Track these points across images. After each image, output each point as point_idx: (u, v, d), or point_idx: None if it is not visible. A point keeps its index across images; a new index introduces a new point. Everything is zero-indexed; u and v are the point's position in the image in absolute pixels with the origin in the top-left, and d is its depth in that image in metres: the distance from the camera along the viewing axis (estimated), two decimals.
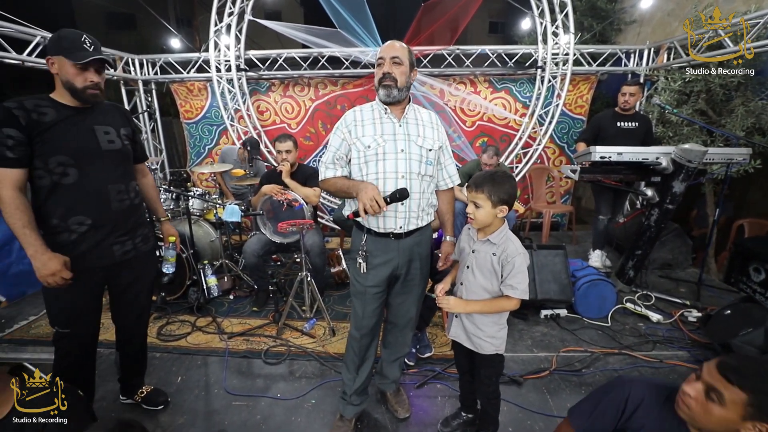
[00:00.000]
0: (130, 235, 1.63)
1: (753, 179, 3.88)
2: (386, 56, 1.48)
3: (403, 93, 1.50)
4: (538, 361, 2.26)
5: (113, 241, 1.56)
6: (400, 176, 1.49)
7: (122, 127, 1.61)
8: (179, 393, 2.02)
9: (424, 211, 1.58)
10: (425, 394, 2.02)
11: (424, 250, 1.65)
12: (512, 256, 1.39)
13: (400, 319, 1.75)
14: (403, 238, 1.56)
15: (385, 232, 1.54)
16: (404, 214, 1.52)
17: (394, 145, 1.49)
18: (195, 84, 4.69)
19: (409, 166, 1.50)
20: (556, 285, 2.69)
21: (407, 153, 1.50)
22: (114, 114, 1.61)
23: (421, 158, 1.52)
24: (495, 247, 1.42)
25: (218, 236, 3.27)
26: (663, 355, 2.30)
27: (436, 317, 2.63)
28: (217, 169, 3.44)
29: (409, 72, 1.51)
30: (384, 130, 1.51)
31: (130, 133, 1.65)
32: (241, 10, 4.17)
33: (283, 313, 2.59)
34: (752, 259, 3.12)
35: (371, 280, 1.58)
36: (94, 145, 1.49)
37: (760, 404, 0.89)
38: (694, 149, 2.54)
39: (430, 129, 1.58)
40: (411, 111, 1.57)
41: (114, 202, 1.54)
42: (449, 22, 4.20)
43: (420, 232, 1.60)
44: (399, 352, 1.84)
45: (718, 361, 0.96)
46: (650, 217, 2.87)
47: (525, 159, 4.56)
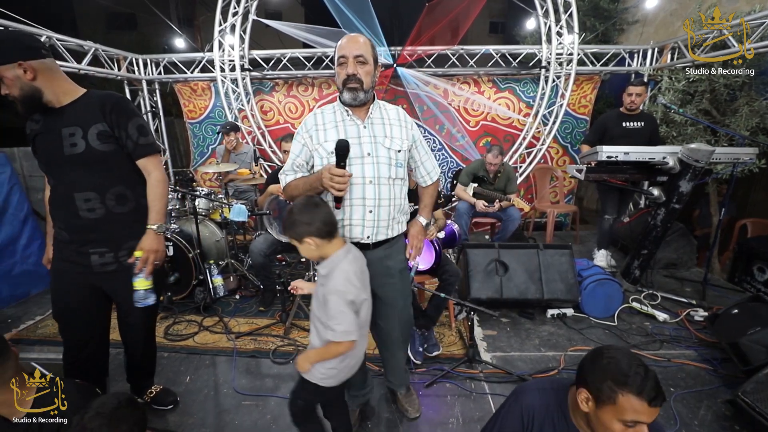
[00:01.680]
0: (111, 246, 1.49)
1: (756, 179, 3.89)
2: (349, 55, 1.34)
3: (369, 94, 1.40)
4: (546, 360, 2.27)
5: (90, 249, 1.47)
6: (368, 181, 1.39)
7: (94, 124, 1.39)
8: (188, 393, 2.02)
9: (394, 219, 1.48)
10: (434, 393, 2.02)
11: (397, 264, 1.53)
12: (329, 293, 1.21)
13: (385, 340, 1.67)
14: (371, 249, 1.45)
15: (351, 241, 1.43)
16: (372, 222, 1.42)
17: (360, 149, 1.39)
18: (199, 84, 4.69)
19: (377, 170, 1.40)
20: (562, 284, 2.70)
21: (374, 156, 1.40)
22: (88, 109, 1.41)
23: (389, 161, 1.42)
24: (322, 277, 1.26)
25: (224, 236, 3.27)
26: (670, 354, 2.30)
27: (443, 317, 2.63)
28: (221, 169, 3.43)
29: (374, 71, 1.40)
30: (348, 133, 1.40)
31: (106, 130, 1.41)
32: (245, 9, 4.17)
33: (290, 313, 2.59)
34: (756, 258, 3.14)
35: None
36: (58, 151, 1.38)
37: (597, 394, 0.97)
38: (701, 149, 2.54)
39: (398, 128, 1.47)
40: (376, 110, 1.46)
41: (82, 211, 1.43)
42: (452, 23, 4.21)
43: (389, 244, 1.50)
44: (394, 368, 1.79)
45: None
46: (656, 217, 2.87)
47: (529, 159, 4.57)
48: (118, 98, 1.47)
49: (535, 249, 2.78)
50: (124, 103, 1.48)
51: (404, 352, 1.78)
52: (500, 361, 2.25)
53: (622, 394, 0.93)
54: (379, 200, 1.41)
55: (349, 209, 1.42)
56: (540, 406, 1.11)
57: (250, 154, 3.97)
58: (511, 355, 2.33)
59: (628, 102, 3.23)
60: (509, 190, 3.55)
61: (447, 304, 2.47)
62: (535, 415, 1.10)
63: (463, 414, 1.87)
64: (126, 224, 1.51)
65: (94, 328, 1.63)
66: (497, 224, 3.69)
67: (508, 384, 2.06)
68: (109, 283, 1.55)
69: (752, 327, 2.05)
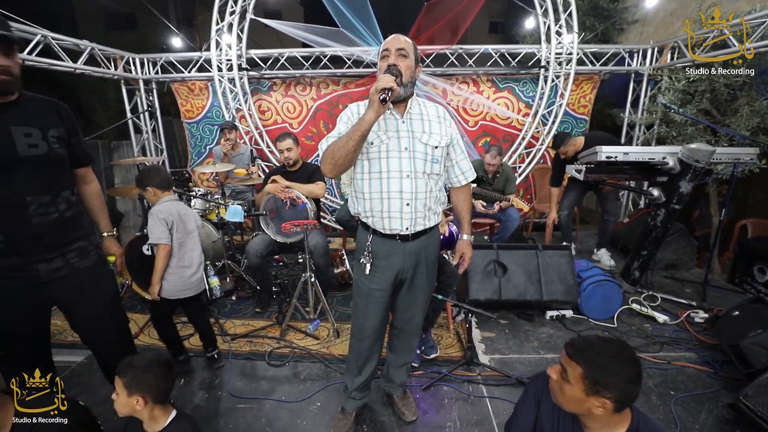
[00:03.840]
0: (60, 250, 1.40)
1: (756, 179, 3.87)
2: (392, 48, 1.40)
3: (407, 89, 1.42)
4: (545, 363, 2.24)
5: (37, 259, 1.35)
6: (405, 175, 1.43)
7: (53, 127, 1.37)
8: (182, 396, 2.00)
9: (430, 210, 1.51)
10: (432, 396, 2.00)
11: (431, 254, 1.59)
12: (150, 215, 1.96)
13: (406, 324, 1.70)
14: (410, 240, 1.50)
15: (390, 233, 1.48)
16: (410, 214, 1.45)
17: (398, 143, 1.43)
18: (196, 83, 4.66)
19: (413, 165, 1.43)
20: (561, 286, 2.67)
21: (411, 151, 1.43)
22: (43, 111, 1.38)
23: (426, 156, 1.45)
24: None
25: (220, 237, 3.24)
26: (670, 356, 2.28)
27: (441, 318, 2.61)
28: (218, 169, 3.42)
29: (414, 67, 1.43)
30: (387, 126, 1.43)
31: (63, 135, 1.41)
32: (242, 9, 4.15)
33: (286, 315, 2.56)
34: (756, 259, 3.10)
35: (376, 282, 1.54)
36: (9, 151, 1.27)
37: (593, 376, 0.97)
38: (702, 149, 2.52)
39: (436, 124, 1.49)
40: (415, 106, 1.49)
41: (35, 216, 1.32)
42: (451, 22, 4.19)
43: (427, 235, 1.55)
44: (405, 357, 1.81)
45: (567, 341, 1.07)
46: (656, 218, 2.85)
47: (528, 159, 4.55)
48: (67, 107, 1.47)
49: (534, 250, 2.76)
50: (68, 111, 1.49)
51: (414, 345, 1.80)
52: (498, 364, 2.23)
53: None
54: (416, 193, 1.43)
55: (387, 201, 1.45)
56: (544, 391, 1.15)
57: (247, 155, 3.95)
58: (510, 357, 2.31)
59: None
60: (508, 190, 3.53)
61: (445, 305, 2.45)
62: (543, 397, 1.15)
63: (460, 418, 1.85)
64: (72, 227, 1.46)
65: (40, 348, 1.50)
66: (496, 225, 3.67)
67: (506, 387, 2.04)
68: (60, 290, 1.43)
69: (754, 329, 2.02)
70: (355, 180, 1.52)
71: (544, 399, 1.15)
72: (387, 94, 1.24)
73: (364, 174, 1.47)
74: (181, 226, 2.00)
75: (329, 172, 1.41)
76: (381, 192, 1.44)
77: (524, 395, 1.22)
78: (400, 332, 1.75)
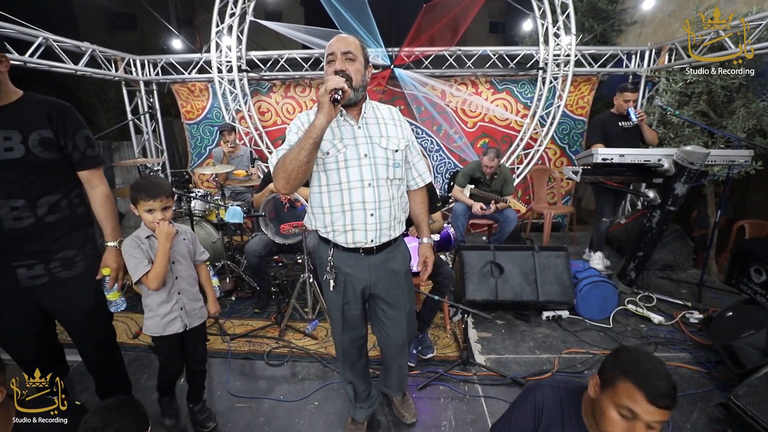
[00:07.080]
0: (40, 258, 1.39)
1: (754, 180, 3.88)
2: (337, 51, 1.30)
3: (359, 93, 1.34)
4: (540, 363, 2.27)
5: (15, 263, 1.35)
6: (367, 184, 1.34)
7: (36, 130, 1.32)
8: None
9: (396, 219, 1.43)
10: (428, 396, 2.02)
11: (400, 267, 1.50)
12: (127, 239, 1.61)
13: (390, 347, 1.63)
14: (374, 254, 1.41)
15: (354, 247, 1.39)
16: (375, 225, 1.37)
17: (356, 150, 1.34)
18: (196, 85, 4.69)
19: (375, 172, 1.35)
20: (557, 286, 2.69)
21: (371, 158, 1.35)
22: (31, 114, 1.34)
23: (387, 162, 1.37)
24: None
25: (220, 237, 3.27)
26: (665, 357, 2.30)
27: (438, 318, 2.64)
28: (218, 171, 3.44)
29: (364, 69, 1.34)
30: (343, 134, 1.34)
31: (50, 137, 1.35)
32: (242, 10, 4.17)
33: (285, 315, 2.59)
34: (753, 260, 3.12)
35: (344, 297, 1.47)
36: None
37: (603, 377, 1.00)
38: (696, 151, 2.54)
39: (393, 127, 1.42)
40: (369, 109, 1.41)
41: (6, 220, 1.31)
42: (450, 23, 4.21)
43: (392, 247, 1.46)
44: (394, 374, 1.78)
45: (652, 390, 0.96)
46: (652, 219, 2.87)
47: (526, 160, 4.56)
48: (65, 107, 1.42)
49: (530, 251, 2.78)
50: (72, 112, 1.43)
51: (406, 357, 1.75)
52: (494, 363, 2.26)
53: (622, 379, 0.94)
54: (379, 202, 1.36)
55: (350, 214, 1.36)
56: (552, 402, 1.12)
57: (246, 156, 3.98)
58: (506, 357, 2.33)
59: (623, 107, 3.23)
60: (506, 191, 3.55)
61: (441, 306, 2.47)
62: (545, 409, 1.12)
63: (456, 417, 1.87)
64: (58, 234, 1.42)
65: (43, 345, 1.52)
66: (494, 225, 3.70)
67: (501, 387, 2.06)
68: (41, 297, 1.44)
69: (746, 330, 2.04)
70: (312, 194, 1.42)
71: (546, 414, 1.11)
72: (338, 94, 1.16)
73: (322, 187, 1.37)
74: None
75: (282, 187, 1.27)
76: (342, 204, 1.35)
77: (519, 404, 1.18)
78: (387, 351, 1.68)
